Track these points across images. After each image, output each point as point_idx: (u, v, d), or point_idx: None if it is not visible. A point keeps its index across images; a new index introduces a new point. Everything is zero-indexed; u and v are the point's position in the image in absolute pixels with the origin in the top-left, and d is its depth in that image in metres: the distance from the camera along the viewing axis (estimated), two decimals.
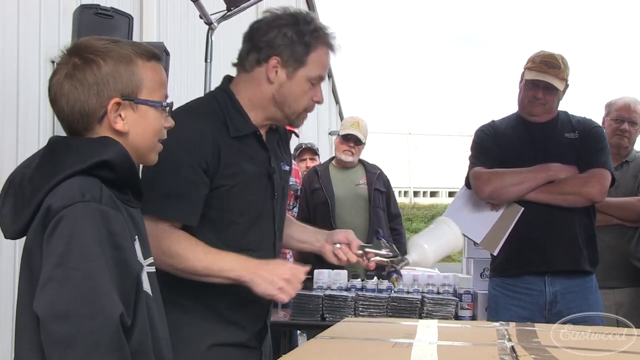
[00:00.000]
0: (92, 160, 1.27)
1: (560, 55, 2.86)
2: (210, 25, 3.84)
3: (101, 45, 1.36)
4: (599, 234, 2.92)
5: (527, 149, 2.85)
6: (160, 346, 1.35)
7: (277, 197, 1.96)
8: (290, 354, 1.56)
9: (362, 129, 4.27)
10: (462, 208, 3.01)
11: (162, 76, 1.42)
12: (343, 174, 4.31)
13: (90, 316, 1.13)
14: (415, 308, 3.31)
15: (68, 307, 1.13)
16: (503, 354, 1.52)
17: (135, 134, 1.36)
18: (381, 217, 4.26)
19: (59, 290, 1.15)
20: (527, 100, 2.87)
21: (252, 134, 1.90)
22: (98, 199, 1.23)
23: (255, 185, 1.90)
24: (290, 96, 1.88)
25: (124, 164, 1.32)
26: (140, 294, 1.29)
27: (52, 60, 3.38)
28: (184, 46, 5.54)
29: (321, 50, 1.89)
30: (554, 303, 2.77)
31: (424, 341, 1.69)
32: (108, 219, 1.22)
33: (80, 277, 1.15)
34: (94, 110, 1.33)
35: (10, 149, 2.96)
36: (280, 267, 1.79)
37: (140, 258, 1.33)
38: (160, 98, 1.39)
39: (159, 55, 1.43)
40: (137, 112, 1.36)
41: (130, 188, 1.37)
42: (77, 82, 1.32)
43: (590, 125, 2.89)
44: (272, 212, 1.94)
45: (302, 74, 1.87)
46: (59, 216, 1.20)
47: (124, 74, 1.34)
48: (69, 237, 1.18)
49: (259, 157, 1.92)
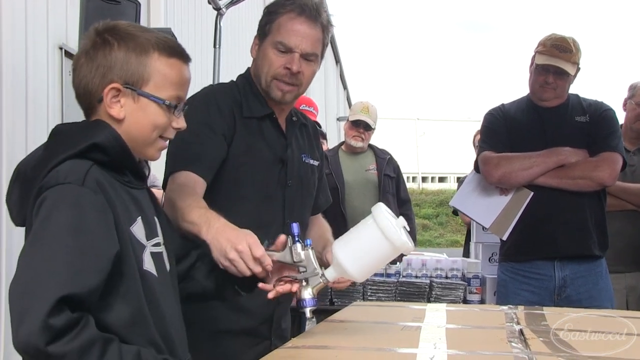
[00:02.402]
0: (83, 144, 1.29)
1: (571, 39, 2.83)
2: (218, 11, 3.83)
3: (124, 30, 1.37)
4: (612, 219, 2.90)
5: (537, 133, 2.83)
6: (165, 324, 1.35)
7: (291, 185, 1.94)
8: (300, 336, 1.57)
9: (372, 114, 4.25)
10: (471, 193, 3.00)
11: (180, 75, 1.40)
12: (353, 159, 4.30)
13: (37, 295, 1.14)
14: (423, 292, 3.32)
15: (25, 284, 1.16)
16: (511, 337, 1.53)
17: (131, 124, 1.36)
18: (391, 203, 4.25)
19: (24, 268, 1.19)
20: (537, 85, 2.84)
21: (267, 116, 1.93)
22: (80, 181, 1.24)
23: (266, 168, 1.90)
24: (259, 67, 1.92)
25: (115, 147, 1.32)
26: (131, 271, 1.29)
27: (60, 47, 3.39)
28: (192, 32, 5.53)
29: (285, 17, 1.88)
30: (563, 288, 2.77)
31: (432, 324, 1.70)
32: (85, 201, 1.23)
33: (40, 259, 1.18)
34: (96, 90, 1.35)
35: (20, 134, 2.98)
36: (238, 236, 1.52)
37: (142, 238, 1.34)
38: (167, 95, 1.37)
39: (184, 54, 1.41)
40: (138, 102, 1.36)
41: (130, 170, 1.37)
42: (89, 60, 1.35)
43: (601, 109, 2.86)
44: (282, 199, 1.93)
45: (266, 44, 1.90)
46: (42, 198, 1.24)
47: (133, 63, 1.34)
48: (44, 218, 1.21)
49: (275, 142, 1.94)
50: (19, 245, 3.13)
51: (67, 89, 3.37)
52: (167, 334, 1.35)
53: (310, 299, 1.49)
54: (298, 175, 1.98)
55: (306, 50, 1.88)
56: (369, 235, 1.48)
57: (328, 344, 1.48)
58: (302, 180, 2.00)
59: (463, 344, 1.47)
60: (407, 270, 3.43)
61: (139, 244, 1.33)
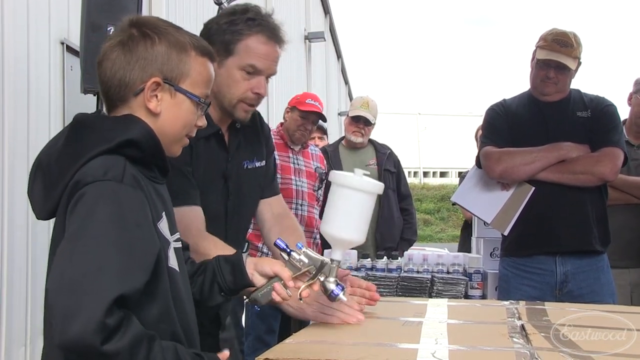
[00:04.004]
0: (118, 139, 1.29)
1: (572, 33, 2.82)
2: (220, 5, 3.82)
3: (162, 26, 1.39)
4: (617, 213, 2.89)
5: (539, 128, 2.83)
6: (187, 319, 1.38)
7: (231, 198, 1.96)
8: (301, 331, 1.57)
9: (372, 109, 4.25)
10: (473, 188, 3.00)
11: (210, 74, 1.44)
12: (353, 154, 4.30)
13: (91, 292, 1.13)
14: (425, 287, 3.32)
15: (72, 282, 1.15)
16: (513, 332, 1.53)
17: (165, 119, 1.38)
18: (391, 198, 4.25)
19: (67, 265, 1.17)
20: (538, 80, 2.84)
21: (214, 134, 1.91)
22: (119, 178, 1.24)
23: (210, 187, 1.91)
24: (222, 85, 1.86)
25: (149, 142, 1.33)
26: (162, 269, 1.30)
27: (62, 42, 3.38)
28: (194, 26, 5.51)
29: (254, 40, 1.85)
30: (564, 283, 2.77)
31: (433, 320, 1.70)
32: (126, 198, 1.23)
33: (87, 255, 1.17)
34: (134, 82, 1.35)
35: (22, 129, 2.98)
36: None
37: (167, 234, 1.35)
38: (200, 93, 1.41)
39: (213, 54, 1.46)
40: (174, 98, 1.38)
41: (156, 165, 1.39)
42: (127, 51, 1.35)
43: (602, 104, 2.86)
44: (224, 213, 1.95)
45: (232, 63, 1.86)
46: (80, 193, 1.22)
47: (174, 59, 1.37)
48: (85, 214, 1.20)
49: (216, 157, 1.93)
50: (19, 245, 3.13)
51: (68, 83, 3.37)
52: (189, 328, 1.38)
53: (335, 287, 1.54)
54: (238, 186, 1.98)
55: (272, 72, 1.89)
56: (341, 199, 1.52)
57: (329, 339, 1.48)
58: (242, 189, 2.00)
59: (464, 339, 1.48)
60: (409, 265, 3.43)
61: (165, 240, 1.34)
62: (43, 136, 3.14)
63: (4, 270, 2.83)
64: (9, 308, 2.86)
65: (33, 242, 3.03)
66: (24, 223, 2.99)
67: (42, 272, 3.14)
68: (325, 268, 1.53)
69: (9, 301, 2.86)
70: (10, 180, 2.85)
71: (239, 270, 1.53)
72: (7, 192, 2.84)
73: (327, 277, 1.54)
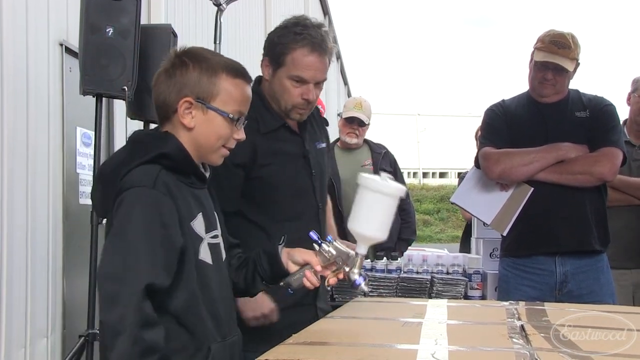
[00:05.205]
0: (154, 153, 1.55)
1: (570, 34, 2.82)
2: (219, 7, 3.82)
3: (200, 54, 1.63)
4: (619, 214, 2.89)
5: (538, 128, 2.83)
6: (215, 305, 1.61)
7: (315, 174, 2.23)
8: (301, 332, 1.57)
9: (366, 110, 4.23)
10: (472, 189, 3.00)
11: (242, 93, 1.64)
12: (348, 155, 4.29)
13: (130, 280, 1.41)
14: (424, 288, 3.32)
15: (115, 270, 1.43)
16: (512, 333, 1.53)
17: (199, 132, 1.61)
18: None
19: (111, 257, 1.47)
20: (537, 82, 2.84)
21: (281, 126, 2.19)
22: (152, 185, 1.50)
23: (292, 165, 2.18)
24: (277, 92, 2.16)
25: (178, 155, 1.58)
26: (190, 261, 1.54)
27: (61, 43, 3.38)
28: (192, 28, 5.53)
29: (299, 53, 2.09)
30: (564, 283, 2.77)
31: (433, 320, 1.70)
32: (157, 202, 1.50)
33: (126, 249, 1.45)
34: (172, 103, 1.60)
35: (21, 130, 2.98)
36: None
37: (201, 231, 1.60)
38: (231, 110, 1.61)
39: (247, 75, 1.67)
40: (206, 115, 1.60)
41: (193, 173, 1.62)
42: (168, 77, 1.61)
43: (601, 104, 2.86)
44: (312, 187, 2.22)
45: (282, 73, 2.13)
46: (120, 198, 1.50)
47: (204, 81, 1.60)
48: (124, 216, 1.48)
49: (293, 141, 2.21)
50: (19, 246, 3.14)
51: (67, 85, 3.37)
52: (216, 313, 1.61)
53: (359, 277, 1.69)
54: (318, 163, 2.27)
55: (319, 80, 2.14)
56: (367, 200, 1.65)
57: (329, 340, 1.48)
58: (321, 166, 2.29)
59: (464, 339, 1.48)
60: (408, 265, 3.43)
61: (197, 236, 1.59)
62: (42, 137, 3.14)
63: (4, 270, 2.83)
64: (9, 309, 2.86)
65: (33, 242, 3.03)
66: (24, 223, 2.99)
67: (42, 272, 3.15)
68: (351, 260, 1.68)
69: (9, 302, 2.85)
70: (9, 181, 2.85)
71: (276, 262, 1.72)
72: (6, 192, 2.84)
73: (352, 268, 1.68)
